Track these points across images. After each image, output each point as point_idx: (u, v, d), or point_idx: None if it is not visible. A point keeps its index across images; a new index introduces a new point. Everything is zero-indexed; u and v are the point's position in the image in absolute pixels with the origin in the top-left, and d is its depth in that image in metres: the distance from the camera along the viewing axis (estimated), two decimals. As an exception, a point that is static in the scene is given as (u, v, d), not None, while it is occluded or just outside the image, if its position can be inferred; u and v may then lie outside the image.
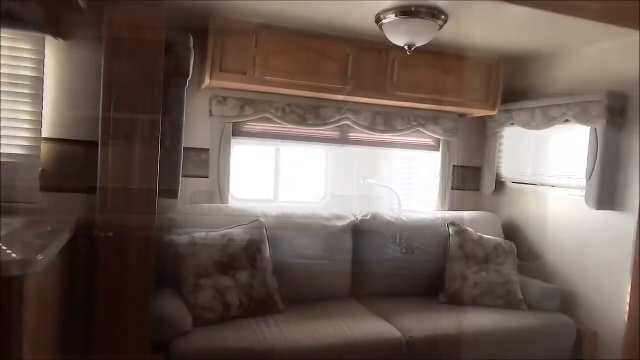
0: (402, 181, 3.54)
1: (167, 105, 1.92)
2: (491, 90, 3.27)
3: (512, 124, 3.32)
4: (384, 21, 2.48)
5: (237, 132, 3.03)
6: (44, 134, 2.09)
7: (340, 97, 2.99)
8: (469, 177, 3.69)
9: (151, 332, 1.92)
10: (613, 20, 2.48)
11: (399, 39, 2.52)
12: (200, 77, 2.78)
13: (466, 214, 3.34)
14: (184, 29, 2.43)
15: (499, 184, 3.55)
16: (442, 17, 2.43)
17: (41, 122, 2.06)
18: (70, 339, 2.14)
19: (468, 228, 3.09)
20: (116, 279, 1.80)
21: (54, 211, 2.05)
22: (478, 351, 2.56)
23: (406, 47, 2.52)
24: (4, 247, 1.47)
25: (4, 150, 2.08)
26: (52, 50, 2.07)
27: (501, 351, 2.62)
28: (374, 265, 2.98)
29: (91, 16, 1.97)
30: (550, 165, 3.16)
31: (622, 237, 2.65)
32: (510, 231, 3.40)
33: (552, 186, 3.13)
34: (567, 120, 2.91)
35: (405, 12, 2.38)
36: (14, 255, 1.40)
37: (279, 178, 3.22)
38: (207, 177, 2.97)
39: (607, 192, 2.72)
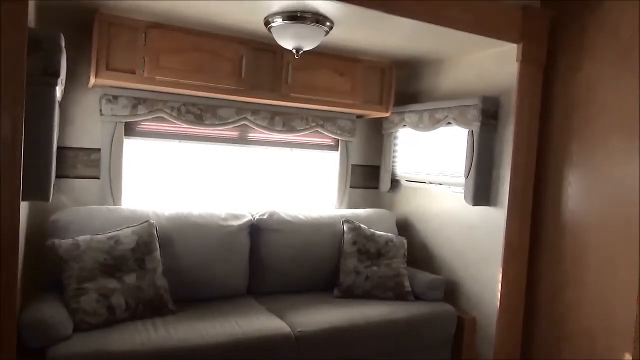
0: (302, 180, 3.62)
1: (36, 105, 1.86)
2: (384, 93, 3.44)
3: (404, 125, 3.51)
4: (272, 24, 2.55)
5: (130, 131, 2.97)
6: None
7: (235, 97, 3.02)
8: (368, 176, 3.85)
9: (17, 340, 1.84)
10: (484, 32, 2.71)
11: (286, 43, 2.59)
12: (87, 75, 2.70)
13: (363, 212, 3.48)
14: (68, 25, 2.36)
15: (395, 182, 3.74)
16: (328, 23, 2.53)
17: None
18: None
19: (362, 225, 3.22)
20: (-25, 286, 1.72)
21: None
22: (367, 342, 2.69)
23: (294, 51, 2.60)
24: None
25: None
26: None
27: (390, 341, 2.77)
28: (272, 263, 3.04)
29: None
30: (436, 165, 3.36)
31: (495, 230, 2.89)
32: (404, 227, 3.60)
33: (440, 184, 3.34)
34: (449, 123, 3.13)
35: (291, 17, 2.46)
36: None
37: (174, 178, 3.19)
38: (99, 178, 2.89)
39: (482, 189, 2.95)
